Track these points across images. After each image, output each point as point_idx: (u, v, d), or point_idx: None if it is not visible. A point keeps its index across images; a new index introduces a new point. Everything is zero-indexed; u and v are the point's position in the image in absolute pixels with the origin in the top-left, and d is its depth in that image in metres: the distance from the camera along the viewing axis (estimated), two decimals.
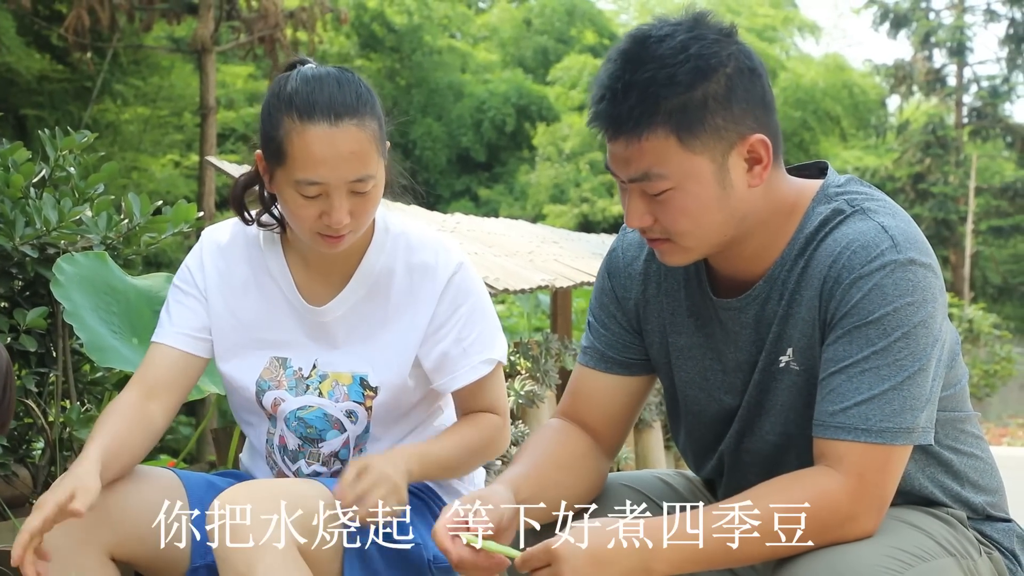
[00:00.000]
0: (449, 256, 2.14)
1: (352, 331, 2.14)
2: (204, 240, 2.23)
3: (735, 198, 1.71)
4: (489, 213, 18.12)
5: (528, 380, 5.13)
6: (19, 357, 3.04)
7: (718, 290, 1.85)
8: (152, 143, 15.35)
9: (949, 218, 24.58)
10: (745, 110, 1.69)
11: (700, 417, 1.93)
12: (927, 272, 1.69)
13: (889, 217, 1.73)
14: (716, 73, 1.66)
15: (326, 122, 1.94)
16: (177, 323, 2.16)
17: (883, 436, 1.65)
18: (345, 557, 1.95)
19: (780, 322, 1.78)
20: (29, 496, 3.01)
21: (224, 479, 2.20)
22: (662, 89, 1.64)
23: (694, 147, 1.67)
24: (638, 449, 6.06)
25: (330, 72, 2.01)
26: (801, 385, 1.78)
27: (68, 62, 13.67)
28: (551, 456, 1.89)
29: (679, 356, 1.91)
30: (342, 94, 1.97)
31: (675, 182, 1.68)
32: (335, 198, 1.97)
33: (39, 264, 2.94)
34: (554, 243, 7.56)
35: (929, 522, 1.77)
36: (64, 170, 3.13)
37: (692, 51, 1.66)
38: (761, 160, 1.71)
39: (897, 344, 1.66)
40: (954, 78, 26.75)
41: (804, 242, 1.76)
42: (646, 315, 1.94)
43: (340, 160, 1.95)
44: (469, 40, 26.27)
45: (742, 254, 1.79)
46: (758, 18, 26.35)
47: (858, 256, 1.69)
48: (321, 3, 13.33)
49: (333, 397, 2.13)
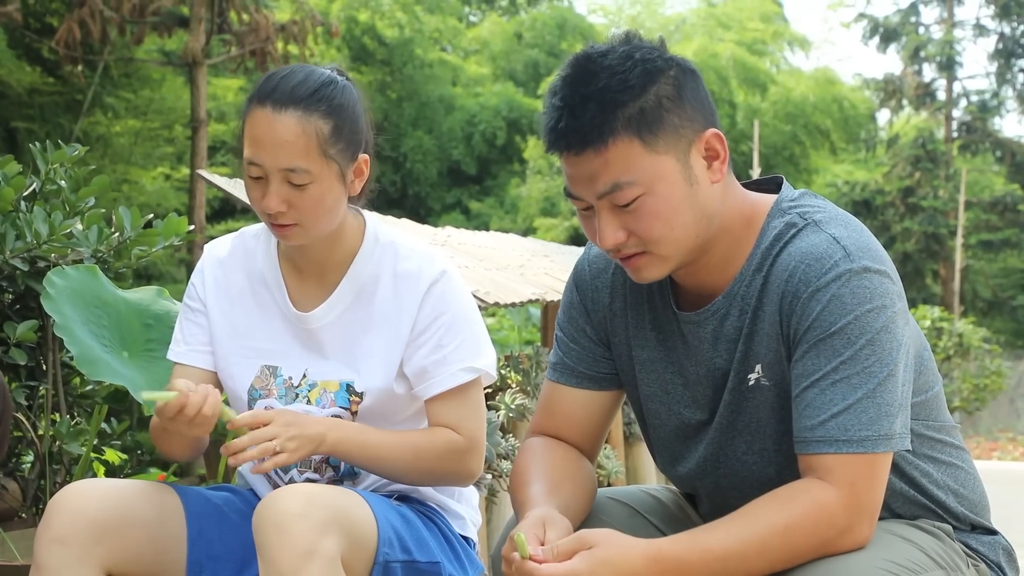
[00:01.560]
0: (433, 264, 2.15)
1: (339, 338, 2.16)
2: (205, 254, 2.28)
3: (702, 195, 1.74)
4: (480, 226, 18.14)
5: (519, 393, 5.12)
6: (9, 370, 3.04)
7: (681, 304, 1.87)
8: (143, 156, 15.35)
9: (939, 232, 24.65)
10: (695, 108, 1.74)
11: (661, 431, 1.94)
12: (883, 278, 1.71)
13: (841, 228, 1.74)
14: (663, 75, 1.71)
15: (271, 107, 2.02)
16: (189, 340, 2.23)
17: (864, 445, 1.66)
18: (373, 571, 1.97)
19: (745, 339, 1.79)
20: (19, 510, 3.00)
21: (218, 493, 2.20)
22: (618, 95, 1.69)
23: (658, 147, 1.70)
24: (628, 463, 6.06)
25: (315, 69, 2.10)
26: (773, 400, 1.79)
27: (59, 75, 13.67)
28: (561, 472, 1.90)
29: (642, 369, 1.92)
30: (302, 86, 2.05)
31: (645, 186, 1.70)
32: (271, 183, 2.03)
33: (29, 277, 2.93)
34: (545, 256, 7.57)
35: (918, 535, 1.77)
36: (55, 183, 3.13)
37: (637, 57, 1.71)
38: (718, 155, 1.75)
39: (863, 352, 1.67)
40: (944, 92, 26.87)
41: (761, 257, 1.78)
42: (613, 328, 1.95)
43: (274, 145, 2.02)
44: (460, 53, 26.34)
45: (707, 265, 1.81)
46: (748, 32, 26.47)
47: (813, 269, 1.71)
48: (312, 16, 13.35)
49: (320, 404, 2.15)
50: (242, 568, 2.09)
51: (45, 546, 1.94)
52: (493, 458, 4.02)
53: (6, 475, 3.00)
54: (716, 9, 28.15)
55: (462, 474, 2.15)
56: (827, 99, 25.03)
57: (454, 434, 2.12)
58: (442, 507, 2.22)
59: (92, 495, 1.98)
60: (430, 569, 2.06)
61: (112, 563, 1.96)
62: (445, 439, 2.11)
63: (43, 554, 1.94)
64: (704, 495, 1.96)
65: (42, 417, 3.07)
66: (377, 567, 1.97)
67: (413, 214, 17.22)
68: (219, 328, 2.21)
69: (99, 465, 3.30)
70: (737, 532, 1.64)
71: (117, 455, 3.41)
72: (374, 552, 1.97)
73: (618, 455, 5.68)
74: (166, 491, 2.09)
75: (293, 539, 1.82)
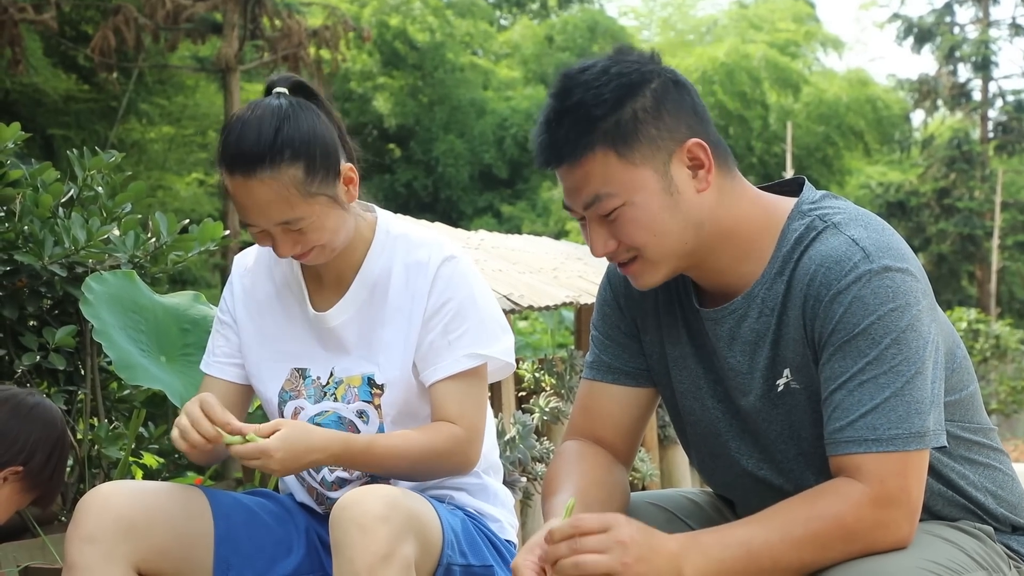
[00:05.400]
0: (441, 251, 2.18)
1: (358, 334, 2.19)
2: (234, 264, 2.34)
3: (685, 204, 1.75)
4: (512, 230, 18.15)
5: (553, 396, 5.12)
6: (48, 375, 3.07)
7: (706, 302, 1.88)
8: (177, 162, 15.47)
9: (975, 233, 24.42)
10: (677, 119, 1.75)
11: (696, 427, 1.94)
12: (905, 276, 1.70)
13: (860, 228, 1.74)
14: (642, 88, 1.73)
15: (241, 175, 2.05)
16: (216, 353, 2.29)
17: (894, 443, 1.66)
18: (437, 573, 2.01)
19: (772, 344, 1.79)
20: (59, 514, 3.03)
21: (251, 497, 2.22)
22: (593, 109, 1.71)
23: (634, 159, 1.72)
24: (663, 466, 6.05)
25: (261, 116, 2.07)
26: (804, 403, 1.79)
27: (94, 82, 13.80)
28: (589, 478, 1.90)
29: (675, 366, 1.93)
30: (259, 145, 2.04)
31: (624, 197, 1.73)
32: (273, 235, 2.09)
33: (68, 283, 2.96)
34: (578, 260, 7.56)
35: (959, 536, 1.76)
36: (92, 189, 3.16)
37: (614, 71, 1.74)
38: (703, 164, 1.76)
39: (889, 351, 1.67)
40: (979, 92, 26.62)
41: (783, 260, 1.78)
42: (645, 325, 1.96)
43: (258, 209, 2.06)
44: (491, 57, 26.36)
45: (716, 268, 1.81)
46: (780, 33, 26.33)
47: (832, 272, 1.71)
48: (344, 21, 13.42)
49: (346, 399, 2.18)
50: (271, 566, 2.11)
51: (75, 545, 1.98)
52: (528, 461, 4.02)
53: None
54: (748, 10, 28.03)
55: (464, 465, 2.17)
56: (860, 100, 24.86)
57: (456, 428, 2.13)
58: (479, 511, 2.22)
59: (119, 495, 2.03)
60: (484, 573, 2.10)
61: (140, 560, 2.00)
62: (448, 435, 2.12)
63: (73, 553, 1.98)
64: (740, 498, 1.95)
65: (81, 422, 3.10)
66: (440, 569, 2.01)
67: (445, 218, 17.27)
68: (249, 336, 2.25)
69: (137, 469, 3.32)
70: (766, 527, 1.64)
71: (155, 459, 3.44)
72: (439, 555, 2.00)
73: (652, 458, 5.67)
74: (193, 491, 2.13)
75: (375, 541, 1.85)
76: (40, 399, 2.30)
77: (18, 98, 12.87)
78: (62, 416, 2.36)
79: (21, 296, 2.97)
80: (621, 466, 1.98)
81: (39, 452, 2.22)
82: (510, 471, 3.89)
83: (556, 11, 29.16)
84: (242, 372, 2.27)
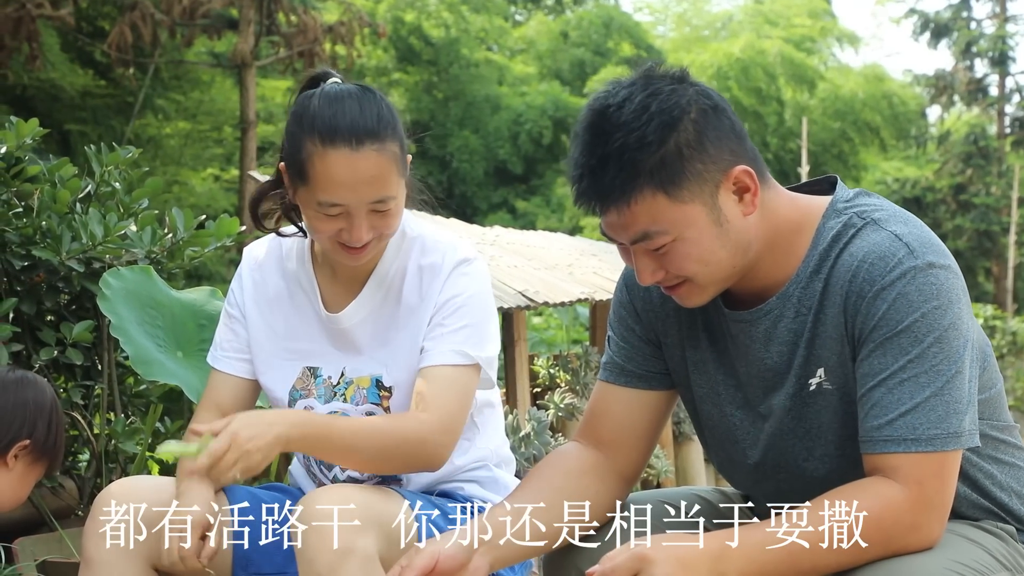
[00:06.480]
0: (456, 252, 2.14)
1: (371, 335, 2.16)
2: (244, 258, 2.29)
3: (734, 231, 1.74)
4: (526, 225, 18.13)
5: (568, 393, 5.12)
6: (65, 370, 3.08)
7: (732, 303, 1.86)
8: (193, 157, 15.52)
9: (991, 229, 24.33)
10: (719, 147, 1.71)
11: (715, 432, 1.93)
12: (948, 274, 1.69)
13: (901, 224, 1.73)
14: (681, 122, 1.68)
15: (347, 147, 1.96)
16: (225, 347, 2.24)
17: (933, 444, 1.65)
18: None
19: (807, 343, 1.78)
20: (76, 508, 3.04)
21: (267, 491, 2.22)
22: (636, 153, 1.67)
23: (682, 197, 1.69)
24: (678, 463, 6.03)
25: (352, 92, 2.02)
26: (836, 404, 1.78)
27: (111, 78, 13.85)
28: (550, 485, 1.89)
29: (695, 370, 1.92)
30: (363, 117, 1.98)
31: (674, 234, 1.71)
32: (356, 217, 1.99)
33: (85, 278, 2.97)
34: (593, 256, 7.55)
35: (982, 536, 1.76)
36: (109, 185, 3.16)
37: (653, 108, 1.68)
38: (749, 188, 1.74)
39: (931, 350, 1.66)
40: (996, 88, 26.52)
41: (819, 259, 1.77)
42: (665, 328, 1.95)
43: (361, 184, 1.97)
44: (506, 53, 26.35)
45: (755, 275, 1.80)
46: (796, 29, 26.26)
47: (876, 268, 1.70)
48: (359, 17, 13.43)
49: (354, 401, 2.16)
50: (289, 561, 2.10)
51: (93, 542, 1.98)
52: (542, 456, 4.02)
53: (63, 473, 3.03)
54: (763, 6, 27.96)
55: (432, 457, 2.05)
56: (876, 95, 24.78)
57: (425, 416, 2.03)
58: (485, 502, 2.21)
59: (136, 492, 2.02)
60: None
61: (158, 558, 1.99)
62: (416, 424, 2.03)
63: (91, 549, 1.98)
64: (762, 498, 1.94)
65: (97, 416, 3.11)
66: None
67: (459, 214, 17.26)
68: (258, 331, 2.21)
69: (154, 464, 3.33)
70: (806, 530, 1.63)
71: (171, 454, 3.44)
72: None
73: (668, 455, 5.66)
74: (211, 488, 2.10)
75: (331, 539, 1.83)
76: (21, 371, 2.30)
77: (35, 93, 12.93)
78: (45, 380, 2.35)
79: (39, 291, 2.98)
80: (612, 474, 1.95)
81: (39, 422, 2.23)
82: (525, 467, 3.90)
83: (571, 7, 29.14)
84: (250, 367, 2.23)
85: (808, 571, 1.65)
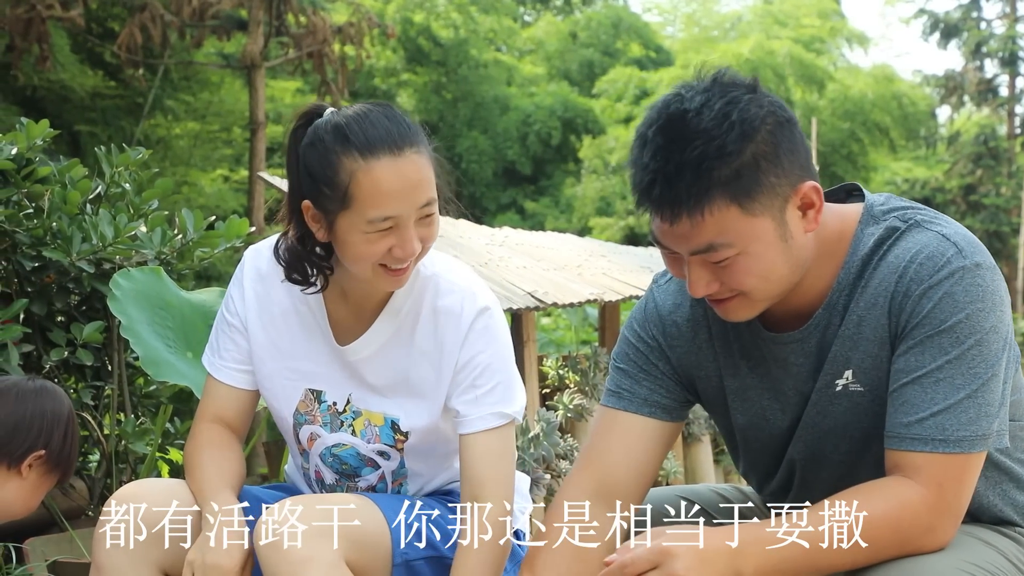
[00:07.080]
0: (475, 301, 2.09)
1: (381, 372, 2.12)
2: (246, 264, 2.22)
3: (796, 247, 1.71)
4: (535, 226, 18.14)
5: (577, 393, 5.12)
6: (75, 371, 3.09)
7: (771, 325, 1.84)
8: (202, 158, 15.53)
9: (1001, 230, 24.26)
10: (792, 160, 1.68)
11: (762, 454, 1.93)
12: (993, 275, 1.70)
13: (945, 225, 1.74)
14: (759, 132, 1.65)
15: (389, 155, 1.92)
16: (226, 357, 2.19)
17: (960, 445, 1.65)
18: (394, 572, 1.97)
19: (841, 345, 1.77)
20: (86, 508, 3.05)
21: (272, 492, 2.21)
22: (715, 162, 1.62)
23: (754, 210, 1.66)
24: (687, 463, 6.04)
25: (369, 107, 2.00)
26: (865, 406, 1.77)
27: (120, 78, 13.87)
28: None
29: (735, 398, 1.90)
30: (395, 124, 1.96)
31: (740, 247, 1.68)
32: (405, 229, 1.95)
33: (95, 279, 2.98)
34: (602, 256, 7.56)
35: (998, 539, 1.76)
36: (119, 186, 3.17)
37: (734, 117, 1.64)
38: (814, 205, 1.71)
39: (971, 352, 1.65)
40: (1006, 88, 26.44)
41: (860, 264, 1.75)
42: (698, 361, 1.92)
43: (409, 189, 1.93)
44: (515, 53, 26.36)
45: (795, 292, 1.78)
46: (805, 29, 26.21)
47: (926, 267, 1.69)
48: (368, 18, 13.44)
49: (365, 437, 2.13)
50: None
51: (102, 545, 1.97)
52: (552, 458, 4.02)
53: (73, 474, 3.04)
54: (773, 6, 27.91)
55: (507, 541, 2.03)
56: (886, 96, 24.72)
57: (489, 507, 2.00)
58: None
59: (146, 496, 2.01)
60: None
61: (168, 563, 1.99)
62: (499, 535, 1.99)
63: (101, 554, 1.97)
64: (790, 492, 1.93)
65: (108, 417, 3.12)
66: (397, 568, 1.97)
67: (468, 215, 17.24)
68: (261, 347, 2.16)
69: (164, 464, 3.34)
70: (818, 526, 1.63)
71: (181, 455, 3.46)
72: (390, 552, 1.96)
73: (676, 455, 5.66)
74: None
75: (288, 549, 1.83)
76: (41, 381, 2.31)
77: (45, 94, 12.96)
78: (63, 391, 2.36)
79: (49, 292, 2.99)
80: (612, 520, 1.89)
81: (55, 432, 2.24)
82: (534, 468, 3.89)
83: (580, 7, 29.13)
84: (252, 379, 2.18)
85: (824, 569, 1.64)
